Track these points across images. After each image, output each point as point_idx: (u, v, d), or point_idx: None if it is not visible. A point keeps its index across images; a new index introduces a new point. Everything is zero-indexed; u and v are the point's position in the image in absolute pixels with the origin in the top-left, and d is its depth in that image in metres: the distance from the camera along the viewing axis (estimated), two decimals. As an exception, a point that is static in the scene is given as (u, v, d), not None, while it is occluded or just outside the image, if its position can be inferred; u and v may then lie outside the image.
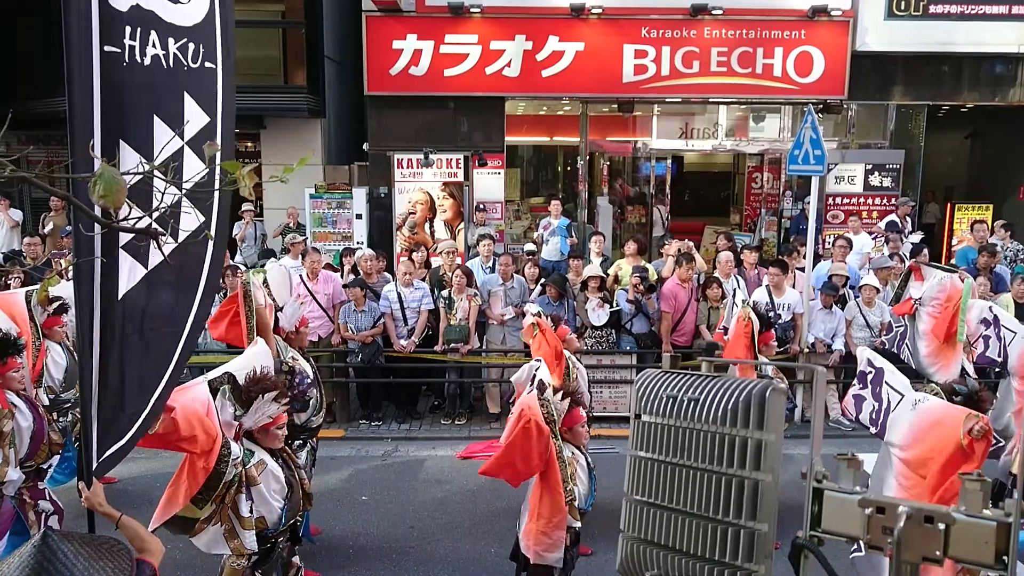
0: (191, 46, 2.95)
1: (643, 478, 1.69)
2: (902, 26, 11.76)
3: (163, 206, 2.10)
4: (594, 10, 11.51)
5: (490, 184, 12.09)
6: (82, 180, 1.79)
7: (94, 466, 2.99)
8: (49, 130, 11.95)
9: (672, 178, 14.91)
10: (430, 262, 9.91)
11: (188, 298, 3.30)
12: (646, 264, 9.17)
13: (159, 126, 2.84)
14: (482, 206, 11.69)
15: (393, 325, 8.33)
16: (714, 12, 11.51)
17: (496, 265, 9.02)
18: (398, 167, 11.76)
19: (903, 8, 11.72)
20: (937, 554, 1.29)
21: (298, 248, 9.15)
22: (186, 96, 2.99)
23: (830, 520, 1.42)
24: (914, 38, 11.79)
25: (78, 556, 2.16)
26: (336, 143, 13.44)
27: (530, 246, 10.61)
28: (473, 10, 11.48)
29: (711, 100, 12.72)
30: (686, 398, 1.61)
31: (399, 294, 8.34)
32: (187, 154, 2.95)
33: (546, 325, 5.63)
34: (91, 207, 2.19)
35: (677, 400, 1.62)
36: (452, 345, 8.27)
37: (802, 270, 8.71)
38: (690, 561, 1.57)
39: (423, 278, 8.93)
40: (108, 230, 2.65)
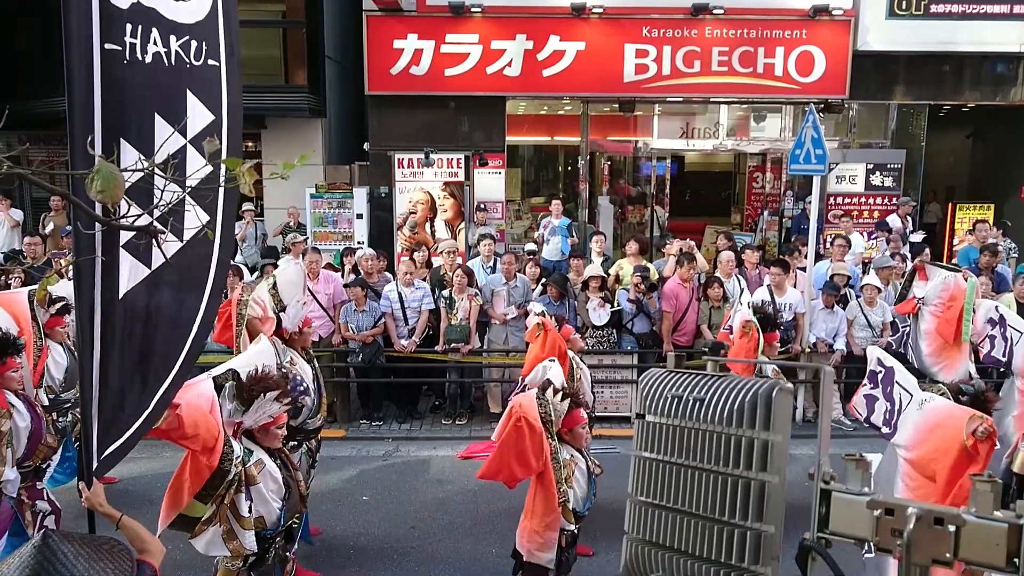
0: (193, 43, 2.92)
1: (648, 479, 1.67)
2: (903, 25, 11.74)
3: (164, 204, 2.08)
4: (595, 9, 11.49)
5: (491, 184, 12.08)
6: (81, 178, 1.77)
7: (94, 466, 2.97)
8: (49, 130, 11.94)
9: (673, 178, 14.88)
10: (431, 262, 9.90)
11: (195, 299, 3.27)
12: (647, 264, 9.16)
13: (160, 124, 2.81)
14: (483, 206, 11.69)
15: (394, 325, 8.31)
16: (715, 11, 11.49)
17: (497, 265, 9.01)
18: (399, 167, 11.75)
19: (904, 7, 11.71)
20: (947, 556, 1.27)
21: (299, 248, 9.14)
22: (189, 94, 2.95)
23: (838, 522, 1.40)
24: (915, 37, 11.77)
25: (78, 557, 2.15)
26: (337, 143, 13.43)
27: (531, 246, 10.60)
28: (474, 10, 11.47)
29: (712, 100, 12.71)
30: (691, 398, 1.60)
31: (400, 294, 8.33)
32: (190, 152, 2.92)
33: (551, 325, 5.60)
34: (90, 205, 2.18)
35: (682, 400, 1.61)
36: (453, 345, 8.26)
37: (803, 270, 8.70)
38: (695, 563, 1.56)
39: (424, 278, 8.92)
40: (108, 229, 2.63)
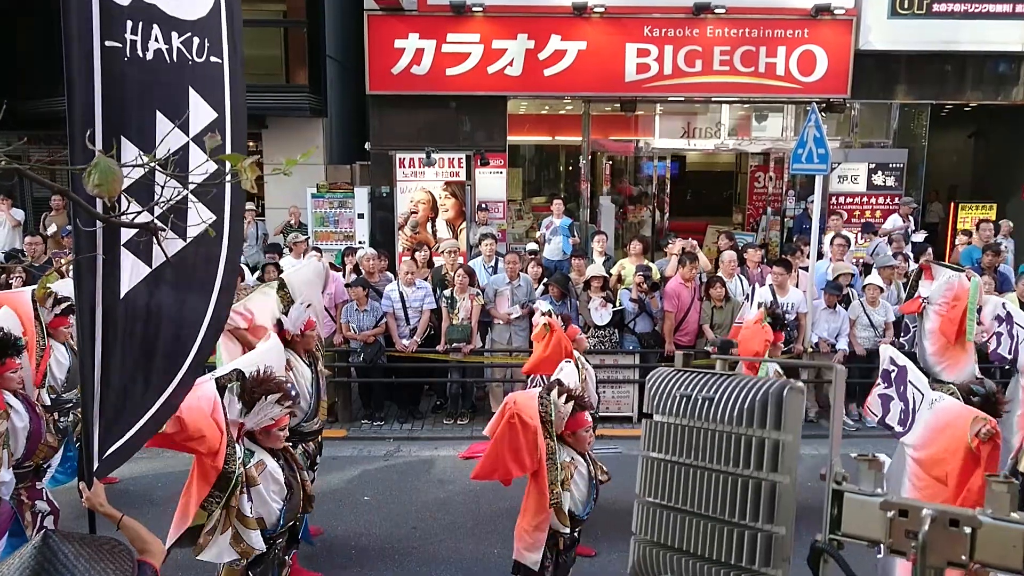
0: (196, 40, 2.89)
1: (655, 479, 1.65)
2: (905, 25, 11.72)
3: (164, 201, 2.05)
4: (596, 9, 11.47)
5: (492, 183, 12.06)
6: (80, 174, 1.74)
7: (95, 466, 2.95)
8: (50, 130, 11.91)
9: (674, 178, 14.85)
10: (432, 261, 9.88)
11: (201, 299, 3.22)
12: (649, 263, 9.14)
13: (162, 121, 2.78)
14: (484, 205, 11.67)
15: (395, 325, 8.29)
16: (717, 11, 11.47)
17: (499, 264, 8.98)
18: (400, 166, 11.73)
19: (906, 7, 11.69)
20: (963, 558, 1.25)
21: (300, 247, 9.13)
22: (191, 91, 2.92)
23: (850, 523, 1.38)
24: (917, 37, 11.76)
25: (79, 557, 2.14)
26: (338, 142, 13.42)
27: (532, 245, 10.58)
28: (475, 9, 11.45)
29: (714, 99, 12.68)
30: (700, 397, 1.57)
31: (401, 293, 8.31)
32: (193, 150, 2.89)
33: (557, 326, 5.55)
34: (90, 202, 2.15)
35: (691, 399, 1.58)
36: (454, 345, 8.24)
37: (806, 269, 8.68)
38: (705, 565, 1.53)
39: (425, 277, 8.90)
40: (108, 227, 2.60)
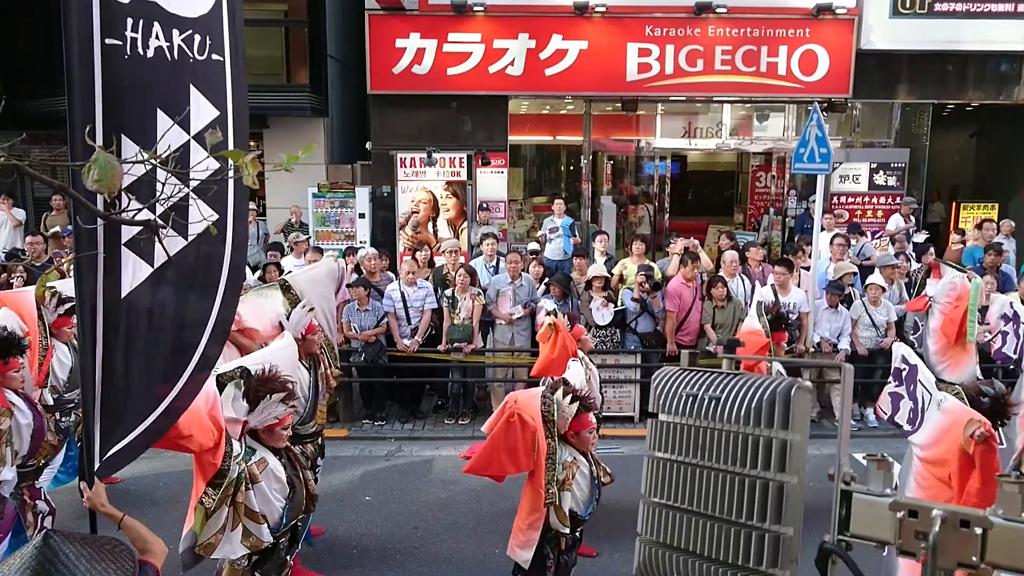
0: (197, 37, 2.87)
1: (661, 480, 1.63)
2: (907, 24, 11.71)
3: (164, 198, 2.04)
4: (597, 8, 11.46)
5: (493, 183, 12.05)
6: (79, 171, 1.73)
7: (96, 466, 2.94)
8: (50, 129, 11.91)
9: (676, 177, 14.84)
10: (433, 261, 9.87)
11: (205, 301, 3.20)
12: (651, 263, 9.13)
13: (163, 119, 2.76)
14: (485, 205, 11.65)
15: (396, 324, 8.28)
16: (718, 10, 11.46)
17: (500, 264, 8.96)
18: (401, 166, 11.72)
19: (908, 6, 11.67)
20: (974, 559, 1.23)
21: (301, 247, 9.12)
22: (192, 89, 2.90)
23: (859, 524, 1.36)
24: (919, 36, 11.74)
25: (80, 557, 2.13)
26: (339, 142, 13.41)
27: (534, 245, 10.56)
28: (476, 8, 11.43)
29: (715, 99, 12.67)
30: (707, 396, 1.56)
31: (402, 293, 8.29)
32: (194, 148, 2.87)
33: (563, 326, 5.54)
34: (90, 200, 2.14)
35: (697, 399, 1.57)
36: (456, 344, 8.22)
37: (807, 269, 8.66)
38: (711, 566, 1.52)
39: (426, 277, 8.89)
40: (109, 226, 2.59)
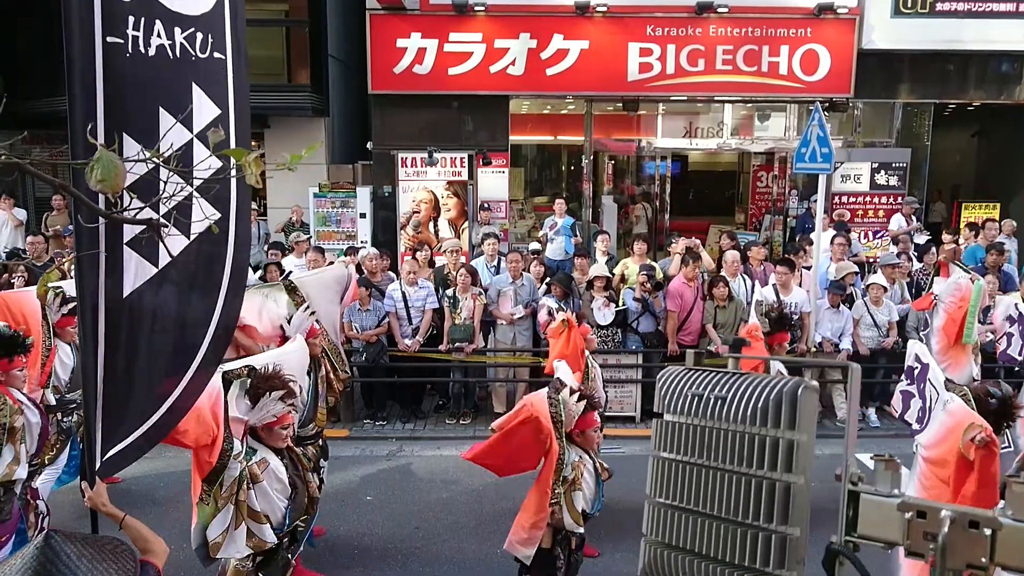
0: (199, 36, 2.86)
1: (666, 480, 1.62)
2: (909, 24, 11.69)
3: (167, 197, 2.03)
4: (599, 8, 11.45)
5: (494, 183, 12.05)
6: (83, 168, 1.72)
7: (97, 466, 2.93)
8: (50, 129, 11.91)
9: (677, 177, 14.83)
10: (433, 260, 9.86)
11: (207, 301, 3.19)
12: (652, 263, 9.12)
13: (165, 118, 2.75)
14: (486, 205, 11.65)
15: (397, 324, 8.27)
16: (719, 10, 11.45)
17: (501, 264, 8.95)
18: (402, 166, 11.72)
19: (910, 6, 11.66)
20: (983, 561, 1.22)
21: (302, 247, 9.12)
22: (195, 87, 2.89)
23: (866, 524, 1.35)
24: (921, 36, 11.73)
25: (81, 557, 2.13)
26: (340, 142, 13.40)
27: (535, 245, 10.55)
28: (477, 8, 11.43)
29: (716, 99, 12.66)
30: (713, 396, 1.54)
31: (403, 293, 8.28)
32: (197, 146, 2.86)
33: (575, 323, 5.53)
34: (92, 198, 2.13)
35: (703, 398, 1.56)
36: (457, 344, 8.22)
37: (809, 269, 8.65)
38: (717, 567, 1.51)
39: (427, 277, 8.88)
40: (110, 225, 2.58)
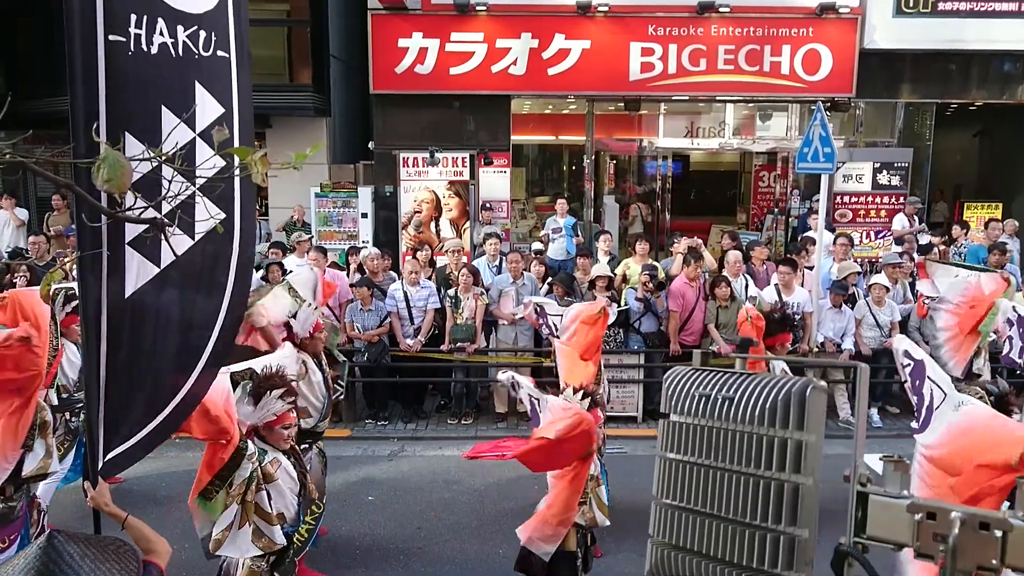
0: (202, 34, 2.85)
1: (673, 481, 1.61)
2: (911, 23, 11.67)
3: (171, 196, 2.02)
4: (600, 8, 11.44)
5: (496, 183, 12.04)
6: (86, 168, 1.71)
7: (100, 466, 2.92)
8: (51, 130, 11.90)
9: (678, 177, 14.82)
10: (434, 260, 9.85)
11: (212, 301, 3.17)
12: (655, 263, 9.11)
13: (168, 117, 2.74)
14: (488, 205, 11.64)
15: (399, 324, 8.26)
16: (721, 9, 11.43)
17: (503, 264, 8.95)
18: (404, 166, 11.71)
19: (912, 5, 11.64)
20: (993, 563, 1.21)
21: (303, 247, 9.11)
22: (198, 86, 2.88)
23: (875, 526, 1.34)
24: (923, 35, 11.71)
25: (84, 558, 2.13)
26: (341, 142, 13.40)
27: (537, 245, 10.54)
28: (479, 8, 11.42)
29: (718, 98, 12.64)
30: (720, 397, 1.54)
31: (405, 293, 8.27)
32: (200, 145, 2.85)
33: (609, 314, 5.44)
34: (94, 196, 2.12)
35: (710, 399, 1.55)
36: (459, 344, 8.21)
37: (811, 268, 8.64)
38: (725, 568, 1.50)
39: (429, 277, 8.87)
40: (113, 224, 2.57)
